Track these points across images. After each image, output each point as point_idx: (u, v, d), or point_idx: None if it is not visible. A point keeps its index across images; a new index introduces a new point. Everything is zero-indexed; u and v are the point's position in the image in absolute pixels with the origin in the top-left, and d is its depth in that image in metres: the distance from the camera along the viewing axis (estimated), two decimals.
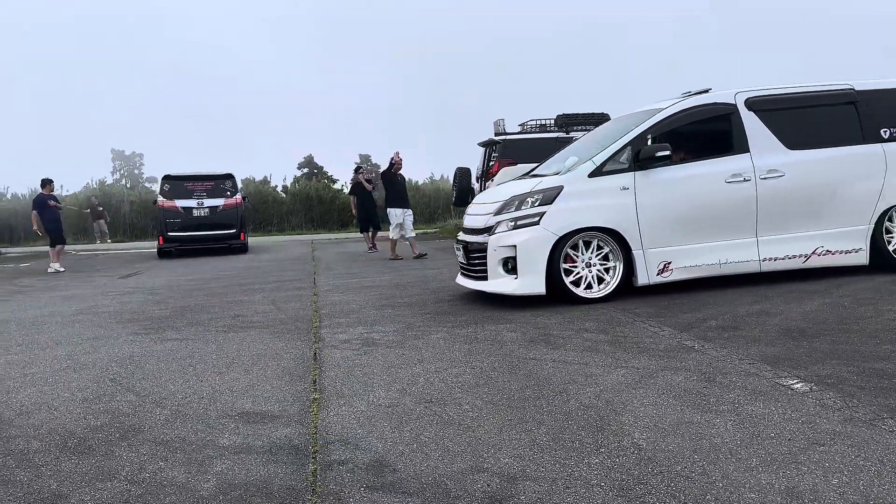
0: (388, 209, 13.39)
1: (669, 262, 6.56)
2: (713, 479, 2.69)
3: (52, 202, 14.45)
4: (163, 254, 17.35)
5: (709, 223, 6.62)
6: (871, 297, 6.21)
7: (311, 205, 32.75)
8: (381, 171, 14.51)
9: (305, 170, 50.33)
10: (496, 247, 6.48)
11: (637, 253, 6.48)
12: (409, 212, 13.50)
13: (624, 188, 6.45)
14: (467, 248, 6.96)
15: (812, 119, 7.07)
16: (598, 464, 2.90)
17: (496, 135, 15.44)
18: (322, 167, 51.04)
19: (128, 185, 44.58)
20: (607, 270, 6.56)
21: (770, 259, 6.78)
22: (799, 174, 6.75)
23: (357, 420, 3.63)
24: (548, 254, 6.30)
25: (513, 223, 6.44)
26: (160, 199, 17.27)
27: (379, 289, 8.82)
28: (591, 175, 6.50)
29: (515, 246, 6.35)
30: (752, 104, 6.88)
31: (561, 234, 6.32)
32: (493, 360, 4.74)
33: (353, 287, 9.17)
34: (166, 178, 17.73)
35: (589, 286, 6.51)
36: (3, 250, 22.03)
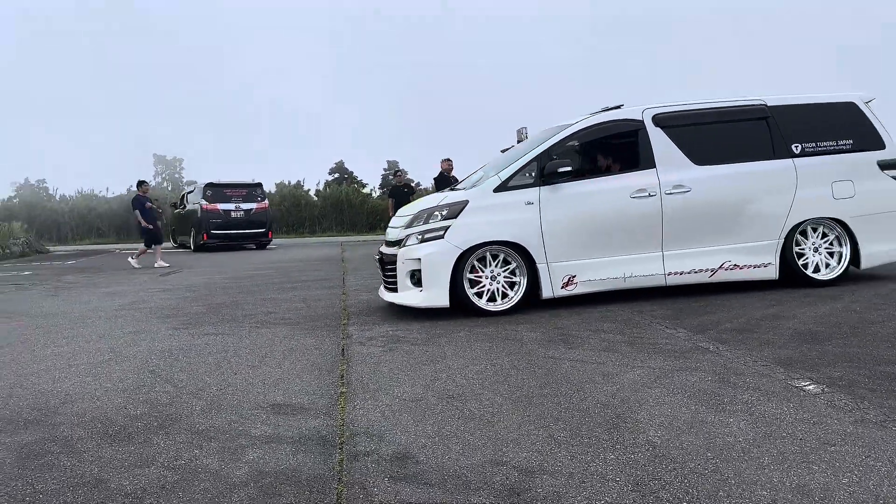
0: None
1: (574, 276, 6.61)
2: (726, 477, 2.78)
3: (148, 203, 15.02)
4: (203, 248, 19.77)
5: (613, 238, 6.66)
6: (883, 302, 6.26)
7: (342, 208, 33.34)
8: (434, 176, 14.79)
9: (336, 175, 50.87)
10: (404, 259, 6.56)
11: (541, 267, 6.52)
12: None
13: (529, 203, 6.52)
14: (382, 260, 7.03)
15: (722, 134, 7.11)
16: (614, 460, 3.01)
17: (518, 142, 15.64)
18: (352, 172, 51.66)
19: (169, 189, 45.47)
20: (513, 283, 6.59)
21: (675, 273, 6.79)
22: (705, 189, 6.79)
23: (382, 413, 3.78)
24: (451, 267, 6.35)
25: (420, 236, 6.51)
26: (204, 202, 19.79)
27: None
28: (497, 190, 6.59)
29: (420, 259, 6.43)
30: (659, 120, 6.94)
31: (465, 248, 6.38)
32: (512, 358, 4.87)
33: (380, 286, 9.33)
34: (208, 185, 20.38)
35: (494, 299, 6.53)
36: (51, 248, 22.73)
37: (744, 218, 6.85)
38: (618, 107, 7.14)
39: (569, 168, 6.58)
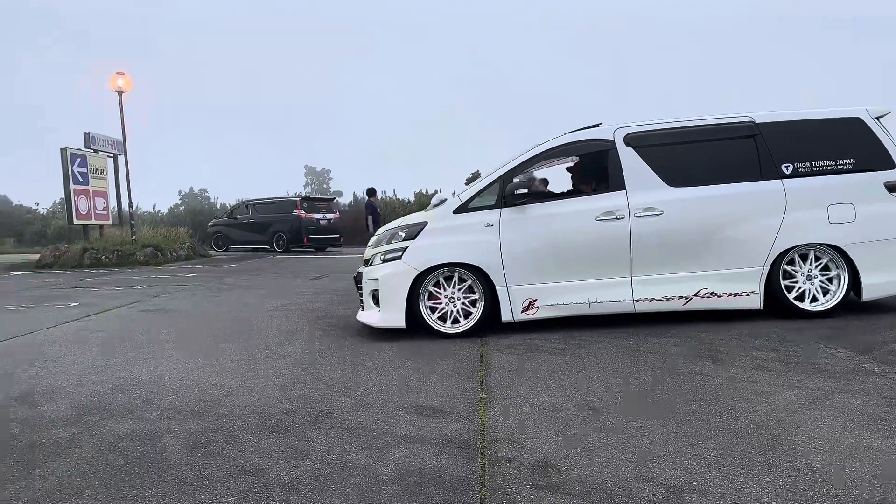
0: None
1: (535, 300, 6.35)
2: None
3: (378, 209, 16.22)
4: (288, 251, 24.10)
5: (577, 261, 6.33)
6: None
7: None
8: None
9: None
10: (367, 279, 6.59)
11: (500, 290, 6.33)
12: None
13: (488, 225, 6.37)
14: (356, 278, 7.01)
15: (701, 154, 6.55)
16: (770, 483, 2.86)
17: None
18: None
19: None
20: (474, 305, 6.41)
21: (645, 300, 6.34)
22: (679, 212, 6.30)
23: (522, 421, 3.80)
24: (408, 288, 6.30)
25: (383, 257, 6.52)
26: (302, 212, 24.17)
27: None
28: (457, 211, 6.50)
29: (378, 279, 6.43)
30: (631, 140, 6.51)
31: (422, 269, 6.31)
32: (656, 372, 4.73)
33: None
34: (303, 199, 25.45)
35: (455, 321, 6.39)
36: (213, 252, 24.61)
37: (723, 243, 6.31)
38: (596, 125, 6.79)
39: (524, 190, 6.43)
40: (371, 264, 6.64)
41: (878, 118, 6.54)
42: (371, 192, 16.08)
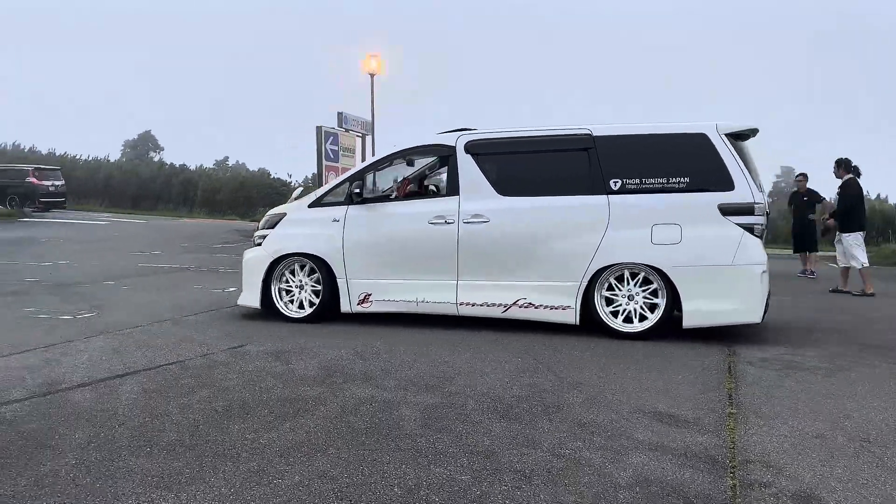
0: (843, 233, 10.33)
1: (370, 294, 6.64)
2: None
3: (805, 198, 12.85)
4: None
5: (409, 261, 6.59)
6: None
7: None
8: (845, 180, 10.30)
9: None
10: (242, 261, 7.26)
11: (340, 281, 6.69)
12: (853, 235, 10.05)
13: (335, 220, 6.74)
14: None
15: (534, 165, 6.51)
16: None
17: None
18: None
19: None
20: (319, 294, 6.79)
21: (467, 304, 6.42)
22: (504, 221, 6.31)
23: (779, 444, 3.36)
24: (263, 273, 6.82)
25: (254, 242, 7.23)
26: (34, 179, 26.87)
27: (802, 310, 8.04)
28: (311, 205, 6.97)
29: (243, 262, 7.18)
30: (470, 147, 6.54)
31: (275, 257, 6.82)
32: None
33: (775, 306, 8.43)
34: (36, 168, 28.03)
35: (311, 305, 6.76)
36: None
37: (544, 255, 6.20)
38: (462, 129, 6.78)
39: (357, 190, 6.71)
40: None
41: (733, 135, 6.00)
42: (801, 177, 13.60)
